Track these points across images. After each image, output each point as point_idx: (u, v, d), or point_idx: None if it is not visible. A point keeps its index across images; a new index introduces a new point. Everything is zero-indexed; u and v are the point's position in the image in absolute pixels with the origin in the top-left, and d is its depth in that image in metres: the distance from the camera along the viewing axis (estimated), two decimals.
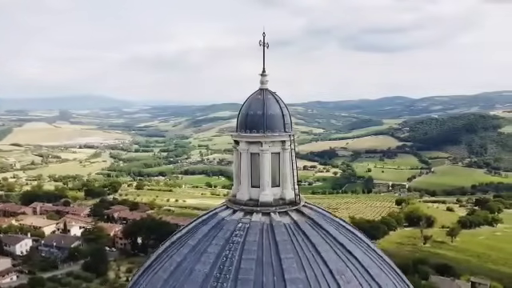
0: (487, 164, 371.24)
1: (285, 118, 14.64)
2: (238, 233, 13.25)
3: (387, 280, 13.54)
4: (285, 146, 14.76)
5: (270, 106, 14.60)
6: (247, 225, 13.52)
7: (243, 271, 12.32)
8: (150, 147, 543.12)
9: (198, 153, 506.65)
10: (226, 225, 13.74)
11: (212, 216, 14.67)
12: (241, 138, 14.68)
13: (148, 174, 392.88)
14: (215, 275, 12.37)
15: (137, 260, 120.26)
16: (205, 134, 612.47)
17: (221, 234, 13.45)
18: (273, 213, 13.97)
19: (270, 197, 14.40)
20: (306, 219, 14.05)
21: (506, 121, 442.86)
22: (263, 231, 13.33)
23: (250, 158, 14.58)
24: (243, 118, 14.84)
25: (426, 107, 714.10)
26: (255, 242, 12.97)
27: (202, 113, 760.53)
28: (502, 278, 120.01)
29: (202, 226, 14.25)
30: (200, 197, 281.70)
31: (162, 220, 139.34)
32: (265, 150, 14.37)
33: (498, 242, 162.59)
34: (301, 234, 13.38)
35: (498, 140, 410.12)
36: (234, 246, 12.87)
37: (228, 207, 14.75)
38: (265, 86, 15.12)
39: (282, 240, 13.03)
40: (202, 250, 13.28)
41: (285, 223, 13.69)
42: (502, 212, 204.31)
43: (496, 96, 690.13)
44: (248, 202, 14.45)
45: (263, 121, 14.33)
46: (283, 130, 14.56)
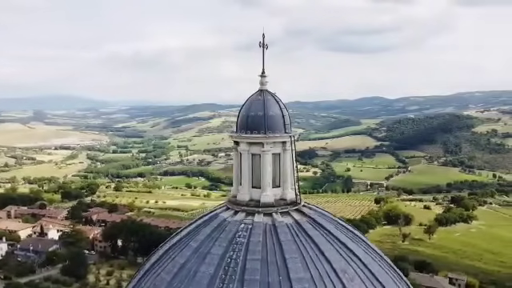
0: (462, 163, 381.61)
1: (285, 118, 14.78)
2: (241, 233, 13.30)
3: (387, 277, 13.85)
4: (285, 147, 14.89)
5: (271, 106, 14.70)
6: (250, 225, 13.58)
7: (249, 272, 12.38)
8: (128, 148, 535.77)
9: (177, 153, 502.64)
10: (229, 226, 13.76)
11: (213, 217, 14.66)
12: (242, 138, 14.72)
13: (126, 176, 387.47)
14: (221, 276, 12.38)
15: (117, 263, 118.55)
16: (184, 134, 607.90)
17: (224, 235, 13.47)
18: (274, 213, 14.08)
19: (271, 197, 14.50)
20: (307, 219, 14.22)
21: (479, 120, 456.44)
22: (266, 232, 13.42)
23: (251, 159, 14.64)
24: (244, 119, 14.88)
25: (402, 107, 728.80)
26: (259, 242, 13.05)
27: (181, 113, 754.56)
28: (478, 273, 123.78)
29: (204, 228, 14.22)
30: (180, 198, 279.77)
31: (142, 222, 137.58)
32: (266, 151, 14.46)
33: (472, 239, 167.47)
34: (303, 234, 13.54)
35: (472, 139, 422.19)
36: (238, 247, 12.91)
37: (229, 208, 14.78)
38: (264, 87, 15.21)
39: (285, 240, 13.16)
40: (205, 251, 13.26)
41: (287, 223, 13.82)
42: (476, 209, 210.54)
43: (469, 96, 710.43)
44: (249, 203, 14.51)
45: (264, 122, 14.42)
46: (284, 130, 14.70)
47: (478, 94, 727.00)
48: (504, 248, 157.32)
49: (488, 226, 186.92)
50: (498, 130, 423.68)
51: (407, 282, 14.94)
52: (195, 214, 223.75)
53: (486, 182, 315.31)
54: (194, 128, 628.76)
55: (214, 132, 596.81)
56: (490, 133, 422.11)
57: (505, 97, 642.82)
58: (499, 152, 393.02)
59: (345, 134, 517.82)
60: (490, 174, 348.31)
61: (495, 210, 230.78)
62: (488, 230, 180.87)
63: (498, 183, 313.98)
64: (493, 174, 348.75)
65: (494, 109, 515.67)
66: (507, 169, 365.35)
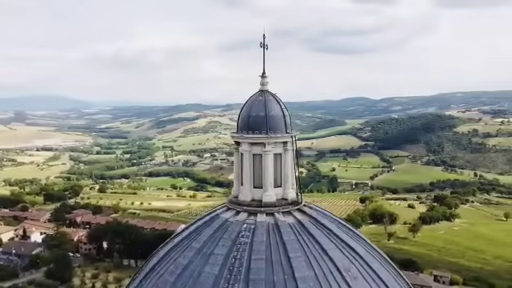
0: (444, 162, 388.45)
1: (286, 118, 14.86)
2: (244, 233, 13.33)
3: (388, 275, 14.06)
4: (286, 147, 14.97)
5: (272, 107, 14.76)
6: (253, 225, 13.62)
7: (254, 271, 12.41)
8: (112, 149, 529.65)
9: (162, 154, 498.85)
10: (231, 226, 13.77)
11: (214, 218, 14.65)
12: (244, 139, 14.72)
13: (110, 177, 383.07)
14: (225, 277, 12.39)
15: (103, 265, 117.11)
16: (169, 135, 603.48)
17: (227, 236, 13.48)
18: (277, 213, 14.15)
19: (273, 197, 14.56)
20: (308, 218, 14.33)
21: (461, 120, 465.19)
22: (269, 231, 13.48)
23: (253, 159, 14.67)
24: (245, 120, 14.89)
25: (386, 108, 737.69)
26: (263, 242, 13.10)
27: (166, 113, 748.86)
28: (461, 270, 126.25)
29: (205, 228, 14.20)
30: (166, 199, 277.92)
31: (128, 224, 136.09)
32: (268, 151, 14.51)
33: (455, 237, 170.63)
34: (306, 233, 13.64)
35: (454, 139, 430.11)
36: (242, 247, 12.93)
37: (230, 208, 14.78)
38: (265, 88, 15.25)
39: (289, 239, 13.24)
40: (208, 252, 13.25)
41: (289, 223, 13.90)
42: (458, 207, 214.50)
43: (451, 97, 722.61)
44: (251, 203, 14.54)
45: (266, 122, 14.47)
46: (285, 131, 14.78)
47: (459, 94, 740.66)
48: (486, 245, 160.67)
49: (470, 224, 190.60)
50: (479, 130, 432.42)
51: (406, 279, 15.18)
52: (181, 215, 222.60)
53: (467, 181, 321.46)
54: (179, 128, 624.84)
55: (200, 132, 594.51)
56: (471, 132, 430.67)
57: (485, 97, 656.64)
58: (480, 151, 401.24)
59: (330, 134, 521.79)
60: (471, 173, 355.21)
61: (477, 208, 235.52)
62: (470, 228, 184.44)
63: (479, 182, 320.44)
64: (474, 172, 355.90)
65: (475, 109, 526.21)
66: (488, 168, 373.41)
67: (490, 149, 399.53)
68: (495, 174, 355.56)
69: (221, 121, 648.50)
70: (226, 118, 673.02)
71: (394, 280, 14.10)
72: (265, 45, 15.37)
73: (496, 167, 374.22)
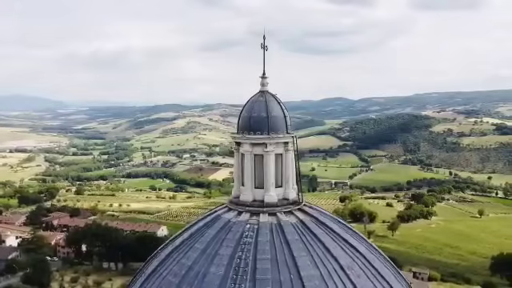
0: (420, 161, 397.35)
1: (286, 119, 14.98)
2: (248, 234, 13.37)
3: (388, 272, 14.36)
4: (287, 147, 15.09)
5: (273, 107, 14.86)
6: (256, 226, 13.68)
7: (260, 271, 12.48)
8: (88, 150, 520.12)
9: (140, 155, 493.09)
10: (234, 226, 13.79)
11: (215, 218, 14.63)
12: (245, 139, 14.75)
13: (88, 179, 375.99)
14: (232, 277, 12.40)
15: (82, 269, 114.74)
16: (147, 135, 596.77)
17: (230, 236, 13.49)
18: (279, 213, 14.25)
19: (274, 197, 14.65)
20: (310, 218, 14.49)
21: (436, 120, 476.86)
22: (273, 231, 13.56)
23: (254, 160, 14.73)
24: (246, 120, 14.93)
25: (364, 108, 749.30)
26: (267, 241, 13.18)
27: (144, 114, 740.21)
28: (438, 266, 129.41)
29: (208, 229, 14.17)
30: (145, 200, 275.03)
31: (108, 226, 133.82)
32: (269, 152, 14.59)
33: (432, 234, 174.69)
34: (309, 233, 13.79)
35: (430, 138, 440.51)
36: (247, 247, 12.98)
37: (231, 209, 14.79)
38: (265, 88, 15.34)
39: (292, 239, 13.36)
40: (212, 252, 13.23)
41: (292, 223, 14.02)
42: (435, 205, 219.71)
43: (426, 97, 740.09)
44: (253, 203, 14.59)
45: (267, 123, 14.56)
46: (286, 131, 14.90)
47: (434, 94, 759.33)
48: (461, 242, 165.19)
49: (446, 222, 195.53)
50: (454, 130, 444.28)
51: (403, 277, 15.53)
52: (161, 216, 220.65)
53: (443, 180, 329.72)
54: (158, 129, 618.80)
55: (179, 133, 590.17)
56: (446, 132, 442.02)
57: (459, 98, 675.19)
58: (455, 150, 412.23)
59: (309, 134, 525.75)
60: (446, 172, 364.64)
61: (452, 205, 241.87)
62: (446, 225, 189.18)
63: (454, 180, 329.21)
64: (449, 171, 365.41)
65: (450, 109, 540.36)
66: (462, 166, 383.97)
67: (464, 148, 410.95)
68: (469, 172, 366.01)
69: (200, 121, 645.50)
70: (206, 118, 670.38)
71: (395, 278, 14.41)
72: (265, 46, 15.43)
73: (470, 166, 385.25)
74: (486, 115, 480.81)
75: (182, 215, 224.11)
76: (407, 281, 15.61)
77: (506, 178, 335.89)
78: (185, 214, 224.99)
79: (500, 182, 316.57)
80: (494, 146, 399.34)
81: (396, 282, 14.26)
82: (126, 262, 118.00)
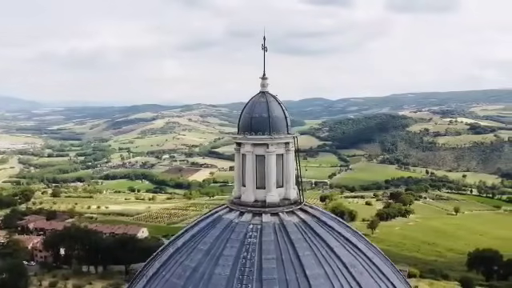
0: (398, 160, 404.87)
1: (287, 120, 15.09)
2: (251, 234, 13.41)
3: (388, 269, 14.63)
4: (288, 148, 15.19)
5: (274, 108, 14.95)
6: (259, 226, 13.72)
7: (266, 271, 12.54)
8: (64, 151, 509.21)
9: (118, 156, 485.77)
10: (237, 227, 13.80)
11: (217, 219, 14.59)
12: (247, 140, 14.77)
13: (64, 180, 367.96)
14: (238, 277, 12.40)
15: (61, 273, 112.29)
16: (125, 136, 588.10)
17: (234, 237, 13.49)
18: (281, 213, 14.34)
19: (276, 197, 14.74)
20: (311, 217, 14.62)
21: (413, 120, 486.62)
22: (276, 231, 13.64)
23: (255, 160, 14.76)
24: (248, 121, 14.96)
25: (343, 108, 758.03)
26: (271, 241, 13.25)
27: (122, 114, 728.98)
28: (417, 263, 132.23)
29: (211, 230, 14.12)
30: (124, 202, 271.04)
31: (87, 228, 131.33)
32: (271, 152, 14.66)
33: (411, 232, 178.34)
34: (311, 232, 13.92)
35: (407, 138, 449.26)
36: (251, 248, 13.01)
37: (232, 209, 14.78)
38: (265, 89, 15.40)
39: (296, 238, 13.46)
40: (217, 253, 13.20)
41: (294, 222, 14.13)
42: (412, 204, 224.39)
43: (403, 97, 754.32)
44: (255, 204, 14.64)
45: (269, 123, 14.62)
46: (287, 131, 15.00)
47: (410, 95, 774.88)
48: (438, 239, 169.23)
49: (424, 219, 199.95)
50: (430, 129, 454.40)
51: (401, 274, 15.84)
52: (141, 218, 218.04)
53: (420, 178, 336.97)
54: (136, 129, 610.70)
55: (158, 133, 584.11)
56: (423, 132, 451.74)
57: (434, 98, 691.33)
58: (431, 150, 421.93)
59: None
60: (423, 171, 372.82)
61: (429, 203, 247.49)
62: (424, 223, 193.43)
63: (431, 179, 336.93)
64: (425, 170, 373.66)
65: (426, 109, 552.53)
66: (438, 165, 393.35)
67: (440, 147, 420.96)
68: (444, 171, 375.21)
69: (179, 121, 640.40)
70: (185, 118, 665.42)
71: (394, 275, 14.70)
72: (265, 47, 15.49)
73: (445, 164, 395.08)
74: (461, 115, 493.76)
75: (162, 216, 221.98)
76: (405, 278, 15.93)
77: (479, 176, 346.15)
78: (165, 216, 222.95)
79: (474, 180, 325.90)
80: (468, 145, 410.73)
81: (396, 279, 14.56)
82: (106, 265, 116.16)
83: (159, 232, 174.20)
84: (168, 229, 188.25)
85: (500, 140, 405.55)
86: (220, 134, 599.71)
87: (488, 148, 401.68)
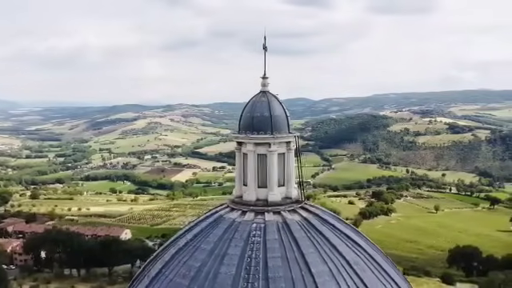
0: (379, 159, 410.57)
1: (288, 119, 15.18)
2: (255, 233, 13.44)
3: (388, 266, 14.89)
4: (289, 147, 15.29)
5: (275, 107, 15.02)
6: (262, 224, 13.77)
7: (271, 269, 12.60)
8: (43, 152, 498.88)
9: (99, 157, 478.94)
10: (241, 226, 13.81)
11: (218, 218, 14.57)
12: (249, 139, 14.81)
13: (43, 182, 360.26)
14: (244, 276, 12.42)
15: (42, 276, 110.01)
16: (106, 136, 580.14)
17: (238, 236, 13.50)
18: (283, 211, 14.41)
19: (278, 196, 14.82)
20: (313, 215, 14.75)
21: (393, 120, 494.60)
22: (280, 229, 13.71)
23: (257, 159, 14.80)
24: (249, 120, 14.99)
25: (325, 108, 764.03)
26: (275, 240, 13.31)
27: (103, 114, 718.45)
28: (400, 260, 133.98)
29: (213, 230, 14.09)
30: (105, 204, 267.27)
31: (69, 231, 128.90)
32: (273, 151, 14.73)
33: (393, 230, 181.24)
34: (314, 230, 14.04)
35: (388, 138, 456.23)
36: (256, 246, 13.05)
37: (234, 209, 14.78)
38: (266, 89, 15.46)
39: (300, 236, 13.56)
40: (221, 253, 13.19)
41: (296, 221, 14.23)
42: (394, 202, 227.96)
43: (384, 98, 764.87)
44: (257, 203, 14.68)
45: (270, 122, 14.68)
46: (288, 130, 15.09)
47: (391, 95, 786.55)
48: (419, 236, 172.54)
49: (405, 217, 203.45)
50: (410, 129, 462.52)
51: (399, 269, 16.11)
52: (123, 219, 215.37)
53: (400, 177, 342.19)
54: (117, 130, 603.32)
55: (139, 134, 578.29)
56: (403, 131, 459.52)
57: (414, 98, 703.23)
58: (411, 149, 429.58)
59: None
60: (403, 170, 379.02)
61: (410, 202, 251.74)
62: (405, 221, 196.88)
63: (411, 177, 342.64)
64: (406, 169, 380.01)
65: (406, 109, 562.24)
66: (418, 164, 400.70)
67: (420, 146, 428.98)
68: (424, 169, 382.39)
69: (161, 122, 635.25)
70: (167, 118, 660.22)
71: (394, 271, 14.97)
72: (266, 46, 15.55)
73: (425, 163, 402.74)
74: (440, 115, 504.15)
75: (145, 218, 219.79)
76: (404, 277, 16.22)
77: (458, 174, 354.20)
78: (148, 217, 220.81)
79: (453, 179, 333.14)
80: (447, 144, 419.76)
81: (397, 276, 14.84)
82: (89, 268, 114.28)
83: (142, 233, 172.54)
84: (151, 230, 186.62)
85: (477, 139, 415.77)
86: (203, 134, 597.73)
87: (466, 147, 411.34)
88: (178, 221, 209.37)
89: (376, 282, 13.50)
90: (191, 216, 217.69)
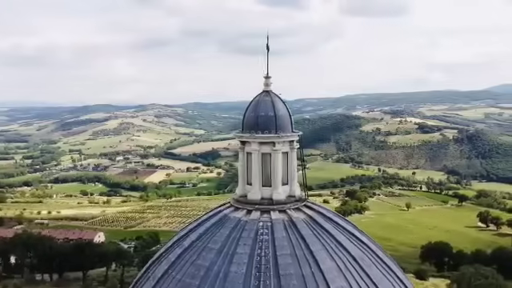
0: (352, 159, 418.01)
1: (291, 118, 15.35)
2: (263, 231, 13.53)
3: (390, 261, 15.28)
4: (293, 146, 15.45)
5: (278, 107, 15.17)
6: (269, 223, 13.87)
7: (282, 267, 12.72)
8: (9, 154, 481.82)
9: (69, 158, 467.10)
10: (247, 225, 13.86)
11: (224, 218, 14.57)
12: (254, 138, 14.88)
13: (9, 185, 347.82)
14: (255, 274, 12.48)
15: (12, 283, 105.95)
16: (76, 137, 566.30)
17: (245, 235, 13.54)
18: (288, 210, 14.56)
19: (282, 195, 14.97)
20: (316, 213, 14.96)
21: (365, 120, 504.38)
22: (287, 227, 13.85)
23: (261, 159, 14.88)
24: (254, 119, 15.07)
25: (299, 108, 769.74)
26: (283, 238, 13.44)
27: (72, 115, 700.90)
28: None
29: (220, 229, 14.07)
30: (77, 206, 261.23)
31: (41, 235, 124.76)
32: (278, 150, 14.87)
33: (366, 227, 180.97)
34: (319, 227, 14.24)
35: (360, 137, 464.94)
36: (264, 244, 13.14)
37: (239, 208, 14.80)
38: (269, 88, 15.57)
39: (307, 234, 13.72)
40: (230, 251, 13.20)
41: (302, 218, 14.41)
42: (367, 200, 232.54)
43: (356, 98, 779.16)
44: (262, 202, 14.78)
45: (275, 122, 14.82)
46: (291, 129, 15.25)
47: (363, 96, 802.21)
48: (392, 234, 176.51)
49: (378, 215, 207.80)
50: (381, 129, 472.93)
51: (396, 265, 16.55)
52: (96, 222, 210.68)
53: (373, 176, 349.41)
54: (88, 131, 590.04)
55: (111, 134, 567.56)
56: (375, 131, 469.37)
57: (385, 99, 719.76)
58: (383, 148, 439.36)
59: None
60: (375, 169, 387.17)
61: (382, 200, 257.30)
62: (378, 219, 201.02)
63: (383, 176, 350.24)
64: (378, 168, 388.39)
65: (377, 109, 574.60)
66: (389, 163, 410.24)
67: (391, 146, 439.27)
68: (396, 168, 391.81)
69: (133, 122, 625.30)
70: (139, 119, 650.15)
71: (396, 266, 15.37)
72: (268, 46, 15.66)
73: (396, 162, 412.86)
74: (410, 115, 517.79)
75: (118, 220, 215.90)
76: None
77: (427, 173, 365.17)
78: (122, 219, 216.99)
79: (423, 177, 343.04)
80: (417, 143, 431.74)
81: (399, 271, 15.24)
82: (61, 273, 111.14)
83: (116, 236, 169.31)
84: (126, 232, 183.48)
85: (446, 139, 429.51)
86: (176, 135, 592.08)
87: (435, 146, 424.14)
88: (152, 223, 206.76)
89: (381, 277, 13.84)
90: (166, 217, 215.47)
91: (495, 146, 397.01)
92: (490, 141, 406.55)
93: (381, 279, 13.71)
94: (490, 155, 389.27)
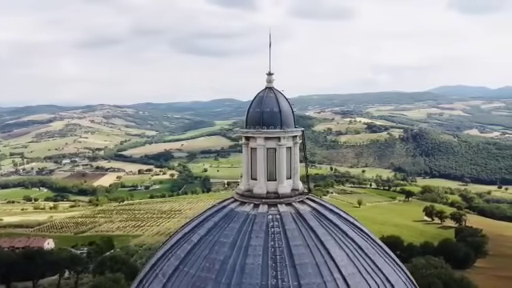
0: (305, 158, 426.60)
1: (294, 114, 15.75)
2: (273, 224, 13.83)
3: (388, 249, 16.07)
4: (296, 141, 15.87)
5: (283, 103, 15.49)
6: (278, 216, 14.18)
7: (297, 257, 13.08)
8: None
9: (10, 162, 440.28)
10: (257, 218, 14.11)
11: (231, 213, 14.70)
12: (259, 134, 15.12)
13: None
14: (271, 265, 12.73)
15: None
16: (18, 140, 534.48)
17: (256, 228, 13.77)
18: (294, 202, 14.95)
19: (288, 188, 15.33)
20: (320, 206, 15.47)
21: (317, 120, 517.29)
22: (295, 219, 14.23)
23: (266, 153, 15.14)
24: (258, 115, 15.30)
25: None
26: (294, 229, 13.82)
27: (13, 116, 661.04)
28: None
29: (228, 223, 14.20)
30: (21, 213, 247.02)
31: None
32: (282, 145, 15.20)
33: None
34: (325, 219, 14.77)
35: (312, 137, 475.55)
36: (277, 236, 13.44)
37: (245, 202, 14.97)
38: (271, 85, 15.87)
39: (315, 225, 14.19)
40: (243, 244, 13.36)
41: (308, 211, 14.84)
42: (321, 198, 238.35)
43: (308, 99, 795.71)
44: (268, 195, 15.06)
45: (280, 117, 15.13)
46: (294, 125, 15.64)
47: (315, 96, 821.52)
48: None
49: None
50: (332, 129, 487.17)
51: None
52: (43, 229, 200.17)
53: (325, 175, 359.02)
54: (31, 133, 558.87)
55: (56, 136, 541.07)
56: (326, 131, 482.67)
57: (336, 100, 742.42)
58: (334, 148, 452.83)
59: (200, 135, 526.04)
60: (328, 167, 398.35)
61: (335, 198, 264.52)
62: None
63: (335, 175, 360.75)
64: (330, 167, 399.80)
65: (328, 110, 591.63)
66: (341, 162, 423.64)
67: (342, 145, 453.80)
68: (346, 167, 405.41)
69: (81, 123, 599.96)
70: (87, 120, 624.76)
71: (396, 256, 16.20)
72: (271, 43, 15.94)
73: (347, 161, 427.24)
74: (359, 115, 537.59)
75: (67, 226, 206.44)
76: None
77: (376, 170, 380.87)
78: (71, 225, 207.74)
79: (372, 175, 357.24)
80: (366, 142, 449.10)
81: (396, 258, 16.08)
82: (9, 283, 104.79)
83: (67, 242, 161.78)
84: (76, 238, 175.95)
85: (392, 138, 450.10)
86: (127, 136, 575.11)
87: (382, 145, 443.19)
88: (104, 227, 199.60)
89: (384, 264, 14.61)
90: (119, 222, 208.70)
91: (437, 145, 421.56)
92: (433, 139, 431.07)
93: (385, 266, 14.47)
94: (432, 153, 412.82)
